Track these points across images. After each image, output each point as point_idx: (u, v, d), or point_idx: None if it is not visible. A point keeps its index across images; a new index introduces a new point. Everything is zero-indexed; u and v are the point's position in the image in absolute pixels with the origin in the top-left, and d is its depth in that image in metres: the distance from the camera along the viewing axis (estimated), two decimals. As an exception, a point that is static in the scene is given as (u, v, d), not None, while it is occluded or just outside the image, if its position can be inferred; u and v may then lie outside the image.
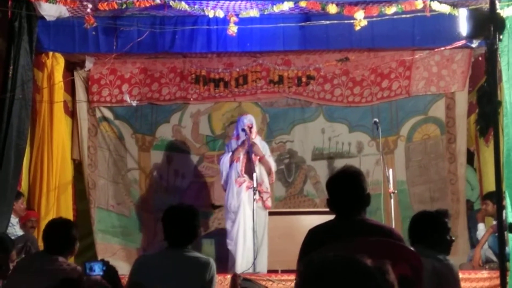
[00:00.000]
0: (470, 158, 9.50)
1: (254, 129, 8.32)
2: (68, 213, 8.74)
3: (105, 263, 4.04)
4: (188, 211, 4.54)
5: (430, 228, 4.66)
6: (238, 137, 8.29)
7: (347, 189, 3.79)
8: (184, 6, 7.58)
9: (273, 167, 8.39)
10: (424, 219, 4.79)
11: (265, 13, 7.73)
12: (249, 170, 8.09)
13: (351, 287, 1.63)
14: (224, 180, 8.32)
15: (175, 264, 4.39)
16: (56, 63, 8.51)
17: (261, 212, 8.08)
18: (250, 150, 8.15)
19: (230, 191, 8.19)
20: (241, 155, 8.20)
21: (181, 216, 4.48)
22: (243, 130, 8.18)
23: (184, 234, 4.47)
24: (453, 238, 4.81)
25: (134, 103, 9.26)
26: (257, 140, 8.35)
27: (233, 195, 8.15)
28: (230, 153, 8.25)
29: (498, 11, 6.10)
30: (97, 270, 4.01)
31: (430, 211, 4.94)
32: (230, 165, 8.21)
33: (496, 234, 6.39)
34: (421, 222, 4.78)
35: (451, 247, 4.76)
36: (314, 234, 3.89)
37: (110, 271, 4.04)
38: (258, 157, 8.19)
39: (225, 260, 8.30)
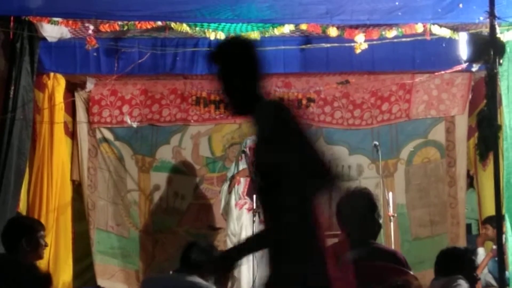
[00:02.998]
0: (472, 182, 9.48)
1: None
2: (67, 234, 8.71)
3: None
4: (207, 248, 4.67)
5: (458, 264, 4.65)
6: (241, 158, 8.32)
7: (355, 210, 3.77)
8: (185, 28, 7.61)
9: None
10: (453, 254, 4.78)
11: (266, 35, 7.75)
12: (251, 192, 8.08)
13: None
14: (223, 209, 8.34)
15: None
16: (57, 84, 8.52)
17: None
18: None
19: (230, 216, 8.18)
20: (242, 179, 8.20)
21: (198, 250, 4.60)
22: (244, 151, 8.19)
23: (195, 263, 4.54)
24: (479, 277, 4.81)
25: (134, 124, 9.26)
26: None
27: (234, 220, 8.14)
28: (228, 183, 8.27)
29: (498, 35, 6.13)
30: None
31: (459, 248, 4.94)
32: (230, 192, 8.23)
33: (496, 259, 6.37)
34: (450, 257, 4.77)
35: (475, 286, 4.75)
36: None
37: None
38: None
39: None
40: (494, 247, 7.81)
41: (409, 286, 1.56)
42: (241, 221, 8.08)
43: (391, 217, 7.97)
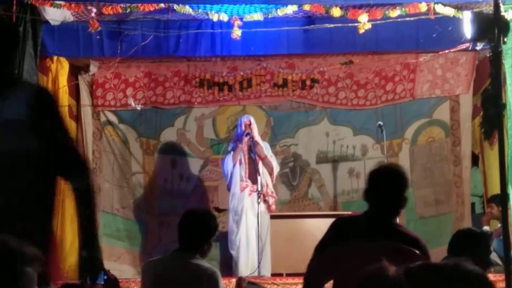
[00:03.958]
0: (477, 161, 9.48)
1: (255, 127, 8.30)
2: (72, 218, 8.73)
3: (105, 272, 4.02)
4: (204, 215, 4.54)
5: (473, 246, 4.64)
6: (238, 137, 8.32)
7: (389, 187, 3.74)
8: (188, 10, 7.59)
9: (275, 167, 8.37)
10: (469, 236, 4.76)
11: (269, 16, 7.73)
12: (253, 174, 8.11)
13: None
14: (228, 181, 8.34)
15: (180, 272, 4.37)
16: (61, 67, 8.52)
17: (264, 215, 8.08)
18: (253, 150, 8.15)
19: (233, 193, 8.19)
20: (243, 157, 8.20)
21: (196, 220, 4.47)
22: (248, 134, 8.18)
23: (195, 239, 4.45)
24: (492, 262, 4.79)
25: (138, 107, 9.28)
26: (259, 141, 8.35)
27: (236, 198, 8.16)
28: (232, 153, 8.26)
29: (503, 13, 6.10)
30: (98, 279, 4.00)
31: (475, 230, 4.92)
32: (234, 165, 8.22)
33: (501, 237, 6.37)
34: (465, 238, 4.75)
35: (486, 270, 4.74)
36: (342, 224, 3.85)
37: (110, 280, 4.02)
38: (261, 158, 8.19)
39: (229, 263, 8.30)
40: (499, 225, 7.84)
41: (385, 274, 1.54)
42: (243, 203, 8.10)
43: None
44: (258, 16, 7.71)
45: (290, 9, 7.62)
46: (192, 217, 4.52)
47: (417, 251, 3.58)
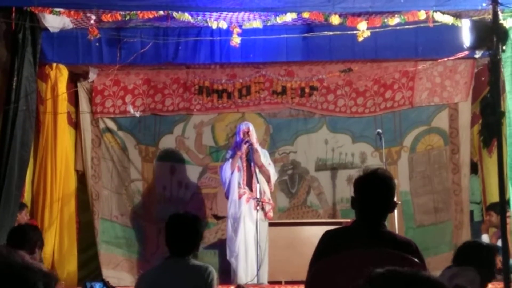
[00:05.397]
0: (475, 168, 9.49)
1: (253, 134, 8.31)
2: (71, 224, 8.74)
3: (105, 283, 4.03)
4: (192, 219, 4.51)
5: (478, 258, 4.63)
6: (236, 144, 8.33)
7: (377, 193, 3.70)
8: (187, 17, 7.60)
9: (272, 175, 8.36)
10: (476, 248, 4.76)
11: (268, 24, 7.74)
12: (250, 182, 8.12)
13: None
14: (226, 188, 8.34)
15: (176, 277, 4.36)
16: (60, 75, 8.53)
17: (262, 223, 8.08)
18: (251, 157, 8.16)
19: (231, 200, 8.19)
20: (241, 164, 8.21)
21: (185, 224, 4.45)
22: (247, 141, 8.18)
23: (187, 243, 4.44)
24: (497, 275, 4.79)
25: (137, 114, 9.28)
26: (258, 148, 8.36)
27: (235, 205, 8.16)
28: (230, 160, 8.26)
29: (501, 22, 6.12)
30: None
31: (482, 243, 4.94)
32: (232, 172, 8.22)
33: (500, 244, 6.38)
34: (471, 249, 4.75)
35: (489, 282, 4.73)
36: (331, 237, 3.82)
37: None
38: (257, 166, 8.19)
39: (228, 271, 8.29)
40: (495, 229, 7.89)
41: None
42: (240, 210, 8.10)
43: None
44: (257, 24, 7.72)
45: (289, 17, 7.63)
46: (180, 222, 4.49)
47: (415, 259, 3.55)
